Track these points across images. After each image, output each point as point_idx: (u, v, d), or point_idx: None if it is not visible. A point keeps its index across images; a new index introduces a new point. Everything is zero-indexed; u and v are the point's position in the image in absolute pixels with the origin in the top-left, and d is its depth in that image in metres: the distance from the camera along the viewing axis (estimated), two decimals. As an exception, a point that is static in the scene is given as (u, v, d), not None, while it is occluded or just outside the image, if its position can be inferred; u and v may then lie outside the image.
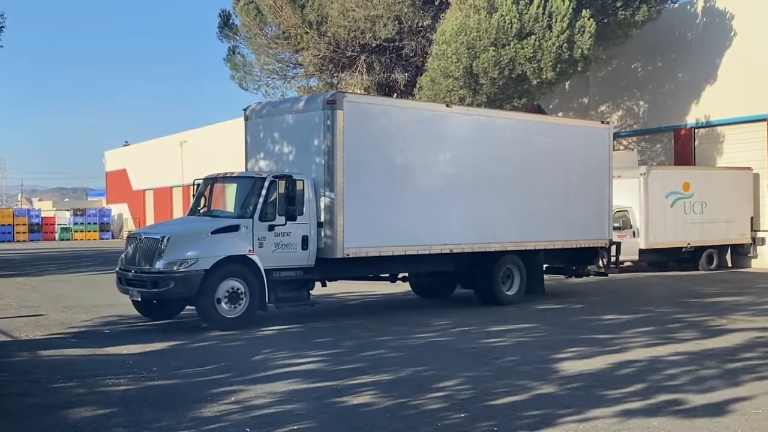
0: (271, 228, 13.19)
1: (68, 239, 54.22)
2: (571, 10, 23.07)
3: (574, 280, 18.46)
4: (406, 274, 16.09)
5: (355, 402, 7.94)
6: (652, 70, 29.68)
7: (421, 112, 15.49)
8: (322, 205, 13.64)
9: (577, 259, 17.62)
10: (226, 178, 14.51)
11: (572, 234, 17.11)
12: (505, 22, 22.67)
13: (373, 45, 27.21)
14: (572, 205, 17.11)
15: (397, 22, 26.14)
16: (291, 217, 13.25)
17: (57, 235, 54.72)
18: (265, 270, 13.03)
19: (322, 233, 13.65)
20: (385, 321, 13.77)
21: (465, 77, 23.41)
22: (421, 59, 27.39)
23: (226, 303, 12.76)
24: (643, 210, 23.62)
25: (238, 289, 12.82)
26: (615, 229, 23.04)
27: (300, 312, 15.00)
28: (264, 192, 13.27)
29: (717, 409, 7.59)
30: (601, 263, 17.83)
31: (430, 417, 7.36)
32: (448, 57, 23.29)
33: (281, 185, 13.24)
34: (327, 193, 13.59)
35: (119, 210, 60.82)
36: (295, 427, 7.04)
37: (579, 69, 24.61)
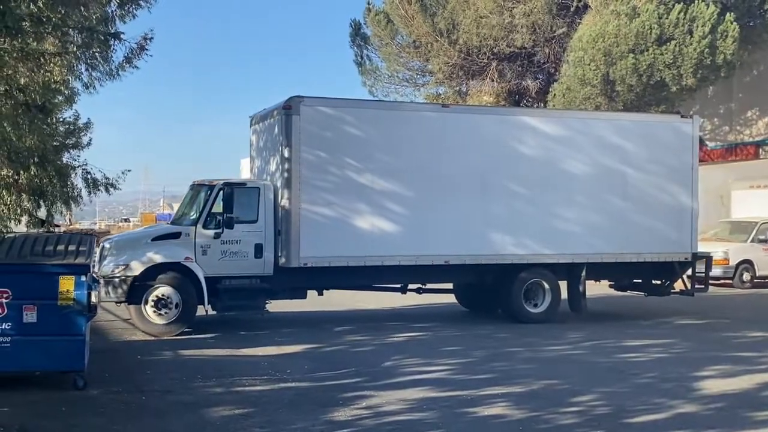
0: (217, 236, 12.98)
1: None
2: (714, 15, 22.11)
3: (701, 293, 16.00)
4: (421, 285, 14.76)
5: (486, 413, 7.85)
6: (803, 75, 28.01)
7: (403, 114, 14.37)
8: (281, 213, 13.31)
9: (654, 275, 15.61)
10: (198, 186, 14.20)
11: (630, 246, 14.86)
12: (644, 27, 21.96)
13: (506, 52, 26.97)
14: (631, 213, 14.89)
15: (532, 29, 25.81)
16: (228, 225, 12.93)
17: (196, 239, 57.02)
18: (211, 278, 12.87)
19: (280, 241, 13.25)
20: (516, 332, 13.53)
21: (602, 84, 22.83)
22: (553, 66, 26.93)
23: (153, 309, 12.69)
24: (792, 222, 22.31)
25: (166, 295, 12.70)
26: (760, 242, 22.02)
27: (427, 318, 15.05)
28: (211, 200, 13.14)
29: None
30: (683, 281, 15.66)
31: (564, 432, 7.18)
32: (586, 64, 22.76)
33: (228, 193, 13.01)
34: (284, 200, 13.24)
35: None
36: (427, 436, 7.04)
37: (722, 75, 23.47)
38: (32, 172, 24.73)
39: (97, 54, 13.98)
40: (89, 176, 27.50)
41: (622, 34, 22.18)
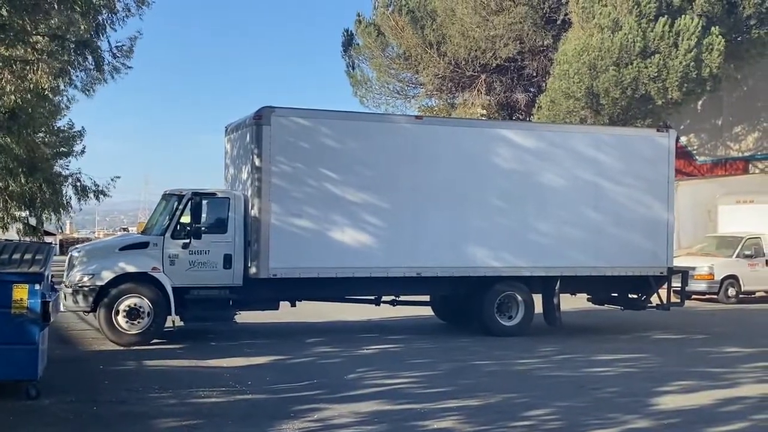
0: (185, 246, 12.93)
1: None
2: (699, 28, 22.11)
3: (679, 308, 15.84)
4: (395, 297, 14.60)
5: (436, 426, 7.78)
6: (792, 90, 28.02)
7: (376, 125, 14.36)
8: (251, 223, 13.22)
9: (630, 289, 15.46)
10: (168, 195, 14.05)
11: (605, 259, 14.78)
12: (628, 40, 21.97)
13: (494, 65, 27.03)
14: (606, 226, 14.80)
15: (518, 41, 25.86)
16: (195, 235, 12.93)
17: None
18: (179, 288, 12.82)
19: (250, 252, 13.17)
20: (489, 345, 13.42)
21: (587, 98, 22.82)
22: (543, 79, 26.94)
23: (124, 319, 12.60)
24: (778, 237, 22.21)
25: (137, 305, 12.62)
26: (745, 257, 21.93)
27: (403, 330, 14.99)
28: (179, 210, 13.08)
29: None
30: (659, 295, 15.49)
31: (509, 446, 7.11)
32: (570, 77, 22.79)
33: (196, 203, 13.03)
34: (254, 210, 13.16)
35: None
36: (370, 449, 6.97)
37: (707, 89, 23.46)
38: (21, 181, 24.69)
39: (78, 61, 13.99)
40: (79, 183, 27.45)
41: (606, 48, 22.20)
